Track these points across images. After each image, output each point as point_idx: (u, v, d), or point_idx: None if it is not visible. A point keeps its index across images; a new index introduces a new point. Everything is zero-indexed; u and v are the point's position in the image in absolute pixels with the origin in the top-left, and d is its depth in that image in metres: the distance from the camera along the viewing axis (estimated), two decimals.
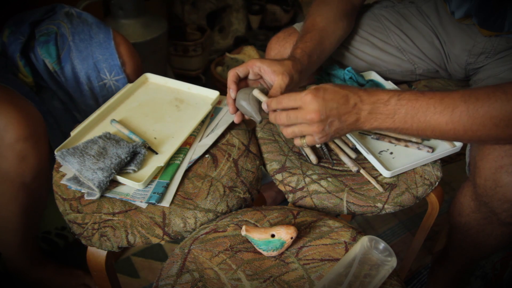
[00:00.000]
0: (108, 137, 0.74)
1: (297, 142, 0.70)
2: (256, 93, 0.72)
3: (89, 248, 0.68)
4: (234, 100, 0.76)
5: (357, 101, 0.65)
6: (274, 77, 0.73)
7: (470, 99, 0.62)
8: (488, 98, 0.61)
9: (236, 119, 0.79)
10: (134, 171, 0.71)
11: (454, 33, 0.97)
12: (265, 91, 0.73)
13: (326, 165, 0.79)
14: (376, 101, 0.65)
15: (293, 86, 0.76)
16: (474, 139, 0.66)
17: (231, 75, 0.76)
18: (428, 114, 0.64)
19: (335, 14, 0.88)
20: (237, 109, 0.77)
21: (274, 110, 0.69)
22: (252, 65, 0.75)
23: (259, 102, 0.72)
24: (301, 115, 0.65)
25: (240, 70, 0.76)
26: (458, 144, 0.81)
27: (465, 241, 0.91)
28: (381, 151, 0.81)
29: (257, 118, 0.72)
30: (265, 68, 0.74)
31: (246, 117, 0.79)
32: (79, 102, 1.04)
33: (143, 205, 0.68)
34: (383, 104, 0.65)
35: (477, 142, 0.77)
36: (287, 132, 0.69)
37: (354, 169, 0.76)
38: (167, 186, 0.70)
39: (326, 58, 0.88)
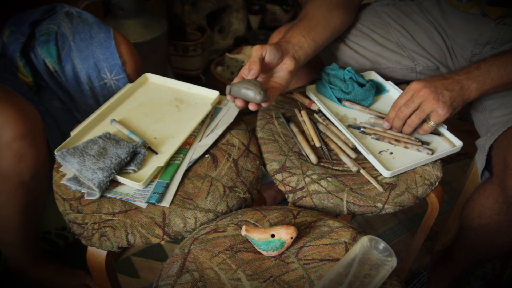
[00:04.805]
0: (108, 137, 0.74)
1: (426, 128, 0.81)
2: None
3: (89, 248, 0.68)
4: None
5: (453, 75, 0.78)
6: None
7: None
8: None
9: (239, 104, 0.74)
10: (134, 171, 0.71)
11: (459, 25, 0.98)
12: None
13: (326, 165, 0.79)
14: (468, 71, 0.78)
15: (277, 61, 0.78)
16: None
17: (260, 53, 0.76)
18: None
19: (329, 5, 0.91)
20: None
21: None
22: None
23: (257, 83, 0.72)
24: (416, 97, 0.78)
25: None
26: (458, 144, 0.81)
27: (479, 243, 0.90)
28: (381, 151, 0.81)
29: (259, 98, 0.71)
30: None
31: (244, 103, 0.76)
32: (79, 102, 1.04)
33: (143, 205, 0.68)
34: (475, 69, 0.78)
35: None
36: (412, 121, 0.79)
37: (354, 169, 0.76)
38: (167, 186, 0.70)
39: (325, 43, 0.90)
